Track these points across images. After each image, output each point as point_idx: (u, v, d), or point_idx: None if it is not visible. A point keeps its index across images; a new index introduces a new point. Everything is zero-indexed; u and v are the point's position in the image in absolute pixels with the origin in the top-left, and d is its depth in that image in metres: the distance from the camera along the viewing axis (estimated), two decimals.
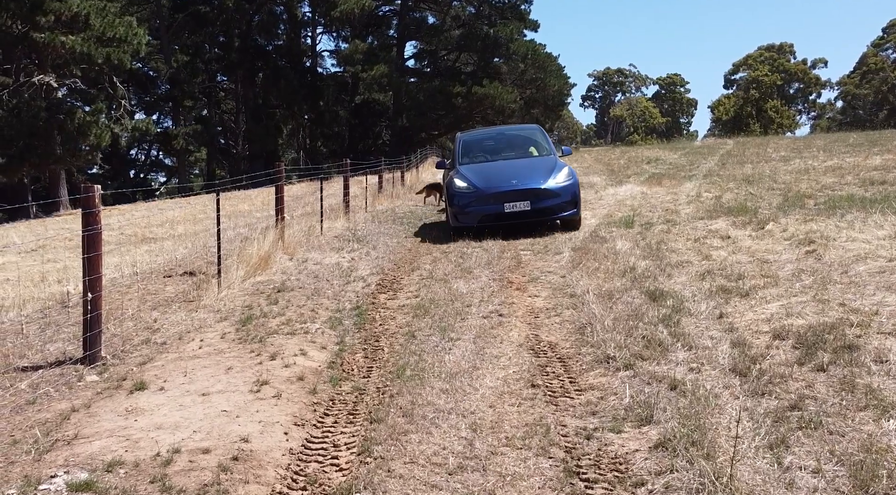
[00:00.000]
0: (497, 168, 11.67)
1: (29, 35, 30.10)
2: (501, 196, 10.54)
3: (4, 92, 32.17)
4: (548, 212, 10.55)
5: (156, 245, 13.42)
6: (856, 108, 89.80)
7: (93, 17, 30.49)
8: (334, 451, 3.73)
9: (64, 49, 30.07)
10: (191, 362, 5.18)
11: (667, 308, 5.84)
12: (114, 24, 31.19)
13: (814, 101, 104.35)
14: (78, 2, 30.23)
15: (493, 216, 10.57)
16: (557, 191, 10.53)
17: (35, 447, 3.75)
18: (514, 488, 3.23)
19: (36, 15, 29.51)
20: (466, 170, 11.58)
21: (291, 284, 7.85)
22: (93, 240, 5.29)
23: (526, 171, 11.10)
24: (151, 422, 4.02)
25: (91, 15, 30.42)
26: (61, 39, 29.72)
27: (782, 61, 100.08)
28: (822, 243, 7.56)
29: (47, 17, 29.61)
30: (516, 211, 10.45)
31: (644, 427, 3.76)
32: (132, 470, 3.40)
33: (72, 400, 4.49)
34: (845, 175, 14.14)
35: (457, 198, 10.97)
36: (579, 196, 10.85)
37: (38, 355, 5.54)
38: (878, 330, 4.76)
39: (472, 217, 10.74)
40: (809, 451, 3.27)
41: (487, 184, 10.84)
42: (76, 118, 32.06)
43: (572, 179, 10.80)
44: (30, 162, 32.05)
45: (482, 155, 12.44)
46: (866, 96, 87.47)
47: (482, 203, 10.67)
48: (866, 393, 3.81)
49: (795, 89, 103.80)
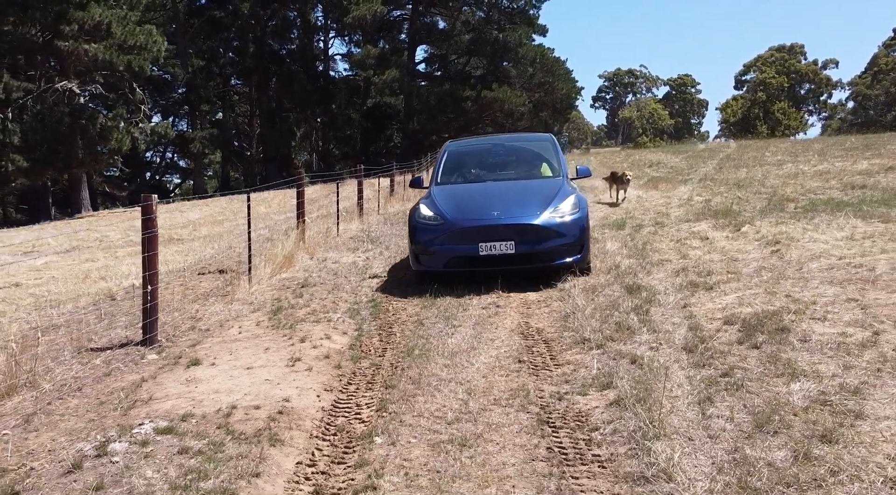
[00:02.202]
0: (480, 192, 9.02)
1: (53, 43, 31.27)
2: (477, 232, 7.92)
3: (28, 98, 33.42)
4: (540, 257, 7.93)
5: (184, 246, 14.44)
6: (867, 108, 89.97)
7: (114, 26, 31.59)
8: (357, 409, 4.69)
9: (87, 56, 31.21)
10: (233, 344, 6.15)
11: (640, 299, 6.77)
12: (135, 32, 32.30)
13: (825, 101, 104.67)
14: (100, 11, 31.35)
15: (465, 259, 8.02)
16: (556, 228, 7.92)
17: (120, 405, 4.73)
18: (498, 433, 4.17)
19: (60, 24, 30.64)
20: (440, 193, 8.92)
21: (314, 280, 8.83)
22: (151, 241, 6.26)
23: (516, 199, 8.48)
24: (209, 388, 4.99)
25: (113, 23, 31.52)
26: (84, 47, 30.86)
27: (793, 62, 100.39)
28: (786, 244, 8.48)
29: (71, 26, 30.75)
30: (494, 254, 7.87)
31: (605, 391, 4.69)
32: (201, 420, 4.37)
33: (140, 373, 5.46)
34: (830, 179, 15.01)
35: (419, 233, 8.30)
36: (587, 235, 8.20)
37: (104, 339, 6.53)
38: (810, 316, 5.68)
39: (438, 259, 8.14)
40: (728, 405, 4.20)
41: (460, 214, 8.22)
42: (98, 123, 33.19)
43: (579, 212, 8.16)
44: (53, 165, 33.22)
45: (471, 172, 9.98)
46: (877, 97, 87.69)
47: (452, 240, 8.05)
48: (785, 365, 4.73)
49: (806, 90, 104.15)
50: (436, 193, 8.94)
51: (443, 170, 9.82)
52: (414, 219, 8.54)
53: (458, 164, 10.06)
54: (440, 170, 9.83)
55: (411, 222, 8.59)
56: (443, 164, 9.93)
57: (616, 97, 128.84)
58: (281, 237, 10.86)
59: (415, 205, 8.94)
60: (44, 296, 9.21)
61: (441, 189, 9.19)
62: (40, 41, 32.42)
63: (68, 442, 4.17)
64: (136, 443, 4.02)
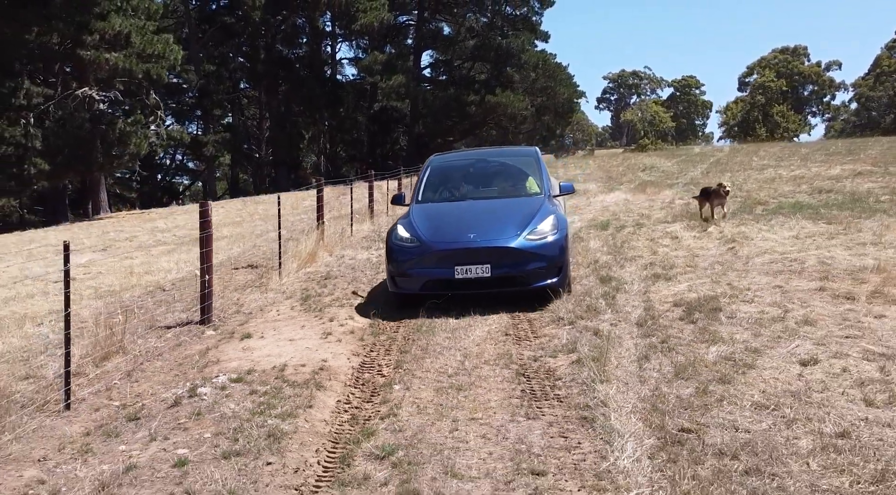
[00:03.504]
0: (459, 212, 8.87)
1: (76, 52, 32.76)
2: (452, 256, 7.82)
3: (49, 103, 34.97)
4: (517, 280, 7.82)
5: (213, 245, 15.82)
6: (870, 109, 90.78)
7: (134, 35, 33.08)
8: (378, 368, 6.09)
9: (108, 65, 32.69)
10: (275, 323, 7.56)
11: (610, 288, 8.16)
12: (153, 41, 33.79)
13: (828, 103, 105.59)
14: (120, 21, 32.84)
15: (442, 283, 7.91)
16: (533, 250, 7.78)
17: (196, 365, 6.14)
18: (486, 382, 5.55)
19: (82, 34, 32.10)
20: (419, 213, 8.76)
21: (334, 273, 10.24)
22: (207, 239, 7.69)
23: (492, 220, 8.32)
24: (262, 353, 6.39)
25: (132, 33, 33.01)
26: (106, 56, 32.34)
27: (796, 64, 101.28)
28: (741, 242, 9.86)
29: (93, 36, 32.22)
30: (470, 278, 7.75)
31: (570, 354, 6.07)
32: (261, 374, 5.77)
33: (204, 344, 6.87)
34: (802, 184, 16.36)
35: (395, 254, 8.18)
36: (567, 257, 8.05)
37: (168, 319, 7.95)
38: (740, 299, 7.07)
39: (414, 281, 8.02)
40: (659, 362, 5.58)
41: (436, 236, 8.09)
42: (117, 128, 34.64)
43: (558, 233, 7.98)
44: (75, 169, 34.73)
45: (452, 189, 9.68)
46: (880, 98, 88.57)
47: (428, 264, 7.94)
48: (710, 334, 6.11)
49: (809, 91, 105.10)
50: (414, 213, 8.79)
51: (424, 186, 9.59)
52: (391, 241, 8.37)
53: (441, 180, 9.82)
54: (422, 186, 9.60)
55: (388, 243, 8.42)
56: (425, 180, 9.71)
57: (620, 98, 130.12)
58: (301, 236, 12.27)
59: (393, 225, 8.81)
60: (101, 288, 10.63)
61: (420, 208, 8.99)
62: (61, 50, 33.93)
63: (164, 388, 5.58)
64: (217, 388, 5.43)
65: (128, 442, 4.58)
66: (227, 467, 4.08)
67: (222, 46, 52.38)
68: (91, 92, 34.35)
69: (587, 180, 23.25)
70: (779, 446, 4.00)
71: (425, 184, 9.61)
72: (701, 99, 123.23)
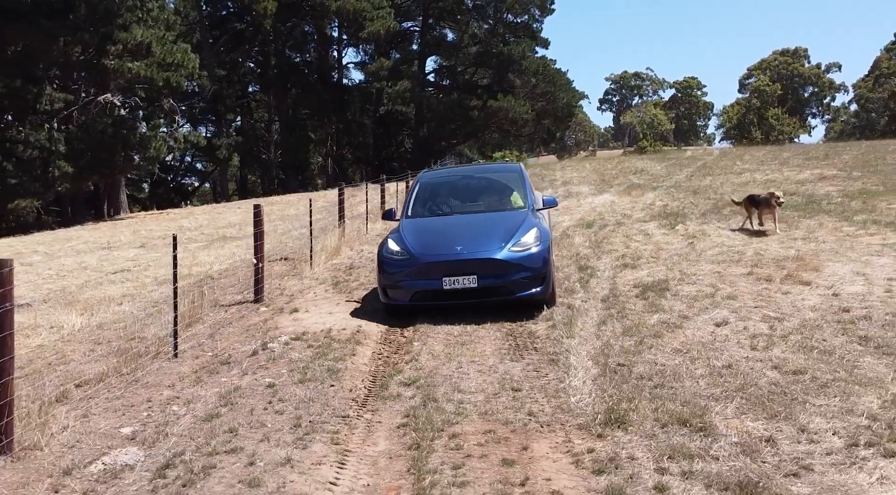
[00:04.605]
0: (446, 226, 9.35)
1: (100, 61, 34.68)
2: (440, 267, 8.24)
3: (73, 109, 36.88)
4: (503, 291, 8.21)
5: (240, 242, 17.72)
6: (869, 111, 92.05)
7: (154, 45, 35.00)
8: (401, 332, 7.94)
9: (130, 73, 34.62)
10: (314, 301, 9.43)
11: (586, 274, 10.01)
12: (172, 51, 35.71)
13: (828, 104, 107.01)
14: (141, 31, 34.76)
15: (430, 293, 8.33)
16: (517, 262, 8.17)
17: (260, 330, 8.01)
18: (482, 340, 7.40)
19: (106, 44, 34.03)
20: (409, 227, 9.23)
21: (357, 265, 12.11)
22: (260, 234, 9.54)
23: (478, 233, 8.75)
24: (310, 322, 8.25)
25: (153, 43, 34.92)
26: (129, 65, 34.27)
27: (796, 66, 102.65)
28: (700, 237, 11.72)
29: (116, 46, 34.17)
30: (458, 288, 8.19)
31: (548, 322, 7.90)
32: (313, 335, 7.63)
33: (262, 317, 8.74)
34: (772, 187, 18.15)
35: (386, 266, 8.60)
36: (550, 268, 8.44)
37: (227, 300, 9.83)
38: (686, 282, 8.92)
39: (404, 293, 8.42)
40: (613, 325, 7.43)
41: (426, 249, 8.55)
42: (137, 133, 36.54)
43: (541, 245, 8.38)
44: (98, 172, 36.65)
45: (441, 204, 10.14)
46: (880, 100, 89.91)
47: (417, 275, 8.34)
48: (656, 306, 7.96)
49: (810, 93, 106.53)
50: (404, 227, 9.25)
51: (414, 201, 10.04)
52: (382, 254, 8.79)
53: (429, 196, 10.29)
54: (411, 201, 10.05)
55: (379, 257, 8.83)
56: (414, 196, 10.18)
57: (622, 99, 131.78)
58: (322, 234, 14.13)
59: (384, 239, 9.22)
60: (158, 278, 12.51)
61: (410, 222, 9.45)
62: (84, 59, 35.83)
63: (241, 344, 7.46)
64: (281, 344, 7.31)
65: (227, 376, 6.45)
66: (303, 388, 5.95)
67: (233, 52, 54.34)
68: (113, 98, 36.34)
69: (581, 183, 25.03)
70: (681, 373, 5.85)
71: (415, 200, 10.08)
72: (702, 100, 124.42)
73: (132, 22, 34.71)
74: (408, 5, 54.88)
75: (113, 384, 6.32)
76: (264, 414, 5.41)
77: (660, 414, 4.96)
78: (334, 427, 5.13)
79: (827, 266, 9.10)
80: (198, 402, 5.75)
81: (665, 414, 4.95)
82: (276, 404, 5.60)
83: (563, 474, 4.24)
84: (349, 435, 5.01)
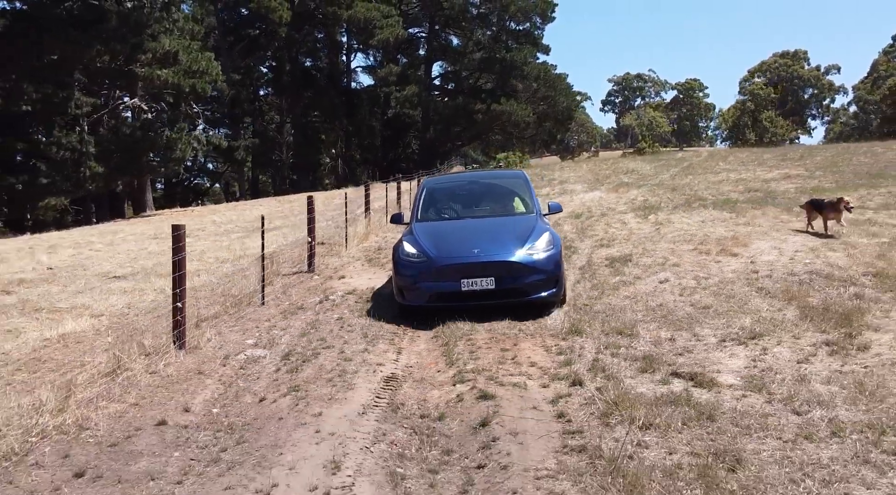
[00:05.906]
0: (461, 230, 9.63)
1: (129, 69, 37.29)
2: (459, 270, 8.41)
3: (103, 113, 39.51)
4: (519, 292, 8.44)
5: (275, 233, 20.31)
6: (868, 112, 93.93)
7: (181, 54, 37.65)
8: None
9: (159, 80, 37.27)
10: (355, 272, 12.02)
11: (569, 252, 12.56)
12: (197, 59, 38.38)
13: (828, 106, 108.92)
14: (169, 41, 37.42)
15: (448, 295, 8.48)
16: (533, 265, 8.47)
17: (318, 289, 10.59)
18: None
19: (137, 53, 36.65)
20: (422, 230, 9.44)
21: (384, 247, 14.69)
22: (312, 219, 12.13)
23: (493, 237, 9.02)
24: (356, 284, 10.83)
25: (180, 52, 37.58)
26: (157, 73, 36.92)
27: (796, 68, 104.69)
28: (665, 224, 14.28)
29: (146, 55, 36.81)
30: (476, 290, 8.37)
31: None
32: (361, 291, 10.21)
33: (316, 281, 11.32)
34: (740, 185, 20.72)
35: (403, 268, 8.81)
36: (562, 270, 8.80)
37: (286, 270, 12.43)
38: (646, 256, 11.49)
39: (421, 294, 8.59)
40: (584, 284, 9.98)
41: (443, 252, 8.73)
42: (164, 135, 39.15)
43: (553, 249, 8.74)
44: (128, 172, 39.28)
45: (449, 209, 10.49)
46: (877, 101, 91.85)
47: (435, 277, 8.52)
48: (619, 272, 10.52)
49: (809, 95, 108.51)
50: (417, 230, 9.43)
51: (422, 206, 10.33)
52: (398, 255, 8.98)
53: (438, 201, 10.59)
54: (420, 206, 10.31)
55: (395, 259, 9.01)
56: (422, 201, 10.45)
57: (625, 101, 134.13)
58: (349, 224, 16.70)
59: (398, 241, 9.35)
60: (220, 258, 15.09)
61: (422, 226, 9.68)
62: (114, 67, 38.43)
63: (308, 297, 10.05)
64: (338, 296, 9.90)
65: (305, 315, 9.03)
66: (363, 319, 8.54)
67: (247, 57, 57.06)
68: (140, 103, 39.01)
69: (576, 182, 27.60)
70: (626, 308, 8.41)
71: (423, 205, 10.42)
72: (704, 101, 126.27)
73: (160, 32, 37.35)
74: (415, 12, 57.65)
75: (225, 319, 8.91)
76: (340, 332, 8.01)
77: (605, 328, 7.54)
78: (390, 337, 7.74)
79: (754, 243, 11.67)
80: (292, 328, 8.35)
81: (608, 328, 7.53)
82: (346, 327, 8.20)
83: (538, 355, 6.82)
84: (401, 341, 7.61)
